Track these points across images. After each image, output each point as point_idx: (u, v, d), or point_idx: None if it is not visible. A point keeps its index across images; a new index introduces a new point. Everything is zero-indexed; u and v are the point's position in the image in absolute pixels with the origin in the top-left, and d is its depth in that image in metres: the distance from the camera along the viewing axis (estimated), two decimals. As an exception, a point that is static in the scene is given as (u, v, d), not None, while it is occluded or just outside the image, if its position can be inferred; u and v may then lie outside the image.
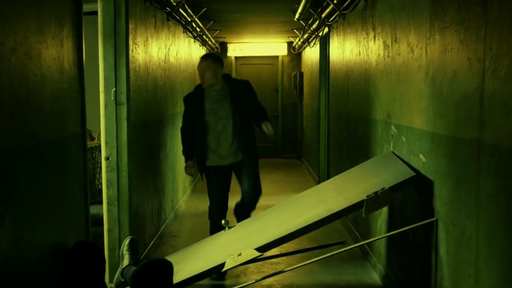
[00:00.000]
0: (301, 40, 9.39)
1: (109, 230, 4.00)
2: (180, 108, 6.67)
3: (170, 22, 5.83)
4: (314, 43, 8.45)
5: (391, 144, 3.72)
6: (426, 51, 2.96)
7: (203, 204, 6.92)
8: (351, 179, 3.37)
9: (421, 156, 3.04)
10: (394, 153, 3.53)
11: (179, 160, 6.50)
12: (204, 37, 8.40)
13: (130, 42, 4.04)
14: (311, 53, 9.27)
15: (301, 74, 10.97)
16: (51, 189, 2.58)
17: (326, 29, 7.03)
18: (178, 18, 6.16)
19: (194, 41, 8.03)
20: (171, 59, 5.92)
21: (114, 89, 3.89)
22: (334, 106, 6.67)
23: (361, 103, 4.81)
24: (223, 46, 11.23)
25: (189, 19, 6.53)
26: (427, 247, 2.95)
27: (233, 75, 11.30)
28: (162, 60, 5.41)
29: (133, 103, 4.12)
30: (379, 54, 4.07)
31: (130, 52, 4.03)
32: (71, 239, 2.81)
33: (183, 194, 6.91)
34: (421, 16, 3.04)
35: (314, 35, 7.85)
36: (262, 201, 4.62)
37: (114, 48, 3.86)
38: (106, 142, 3.95)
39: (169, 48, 5.77)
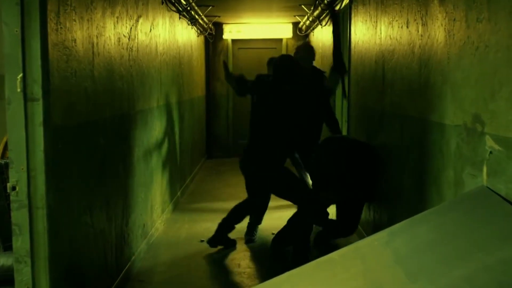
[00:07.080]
0: (310, 19, 7.86)
1: (19, 303, 2.49)
2: (157, 102, 5.13)
3: (140, -15, 4.28)
4: (328, 21, 6.89)
5: (484, 167, 2.19)
6: None
7: (188, 224, 5.40)
8: (428, 244, 1.82)
9: None
10: (496, 194, 1.99)
11: (155, 170, 4.96)
12: (193, 13, 6.83)
13: (53, -1, 2.50)
14: (323, 34, 7.71)
15: (309, 60, 9.41)
16: None
17: (346, 0, 5.49)
18: (152, -19, 4.61)
19: (180, 18, 6.46)
20: (140, 35, 4.36)
21: (20, 74, 2.35)
22: (357, 99, 5.14)
23: (411, 97, 3.28)
24: (218, 27, 9.63)
25: (169, -15, 4.99)
26: None
27: (230, 61, 9.72)
28: (125, 36, 3.87)
29: (60, 98, 2.59)
30: (454, 19, 2.54)
31: (52, 15, 2.49)
32: None
33: (162, 213, 5.38)
34: None
35: (328, 11, 6.31)
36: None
37: (20, 6, 2.32)
38: (12, 163, 2.42)
39: (136, 21, 4.22)
